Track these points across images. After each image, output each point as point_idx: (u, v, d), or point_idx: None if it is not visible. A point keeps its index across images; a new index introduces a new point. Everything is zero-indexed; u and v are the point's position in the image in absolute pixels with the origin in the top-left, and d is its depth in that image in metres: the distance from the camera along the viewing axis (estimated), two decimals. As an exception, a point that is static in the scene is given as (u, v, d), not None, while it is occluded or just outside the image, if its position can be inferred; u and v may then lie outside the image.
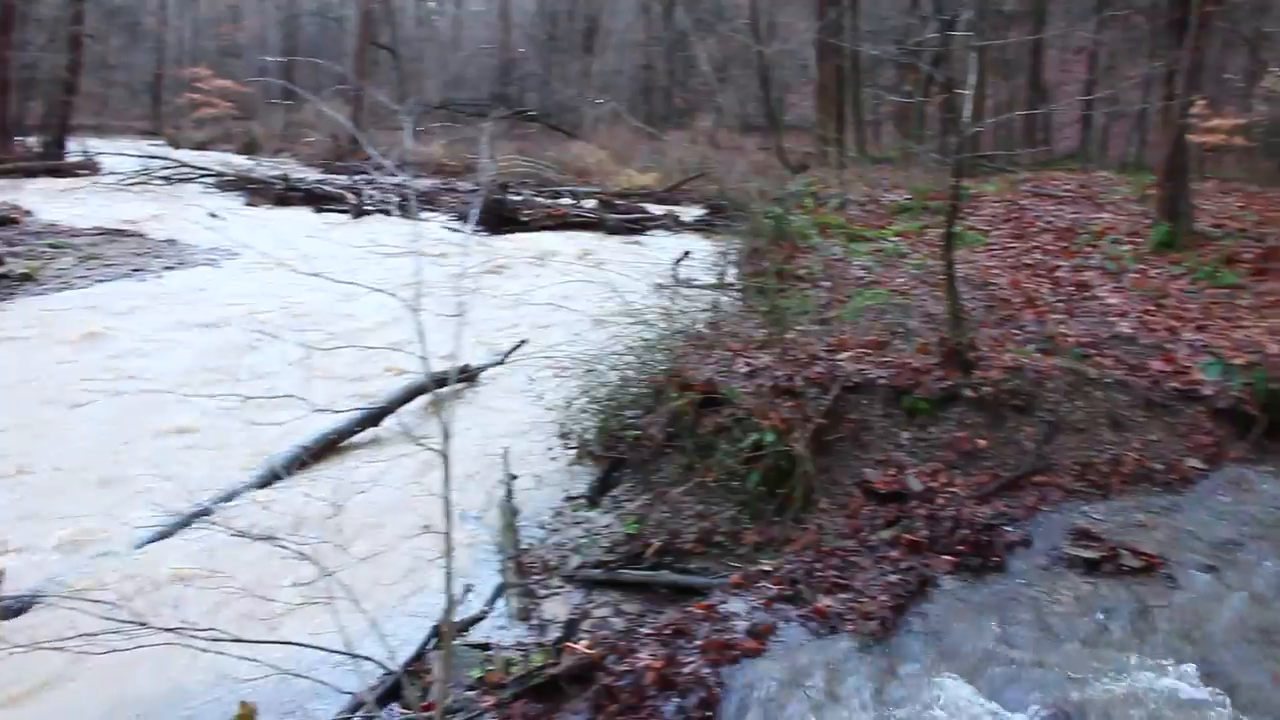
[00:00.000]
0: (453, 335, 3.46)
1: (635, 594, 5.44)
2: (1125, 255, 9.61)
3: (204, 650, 3.68)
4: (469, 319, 6.84)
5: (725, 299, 8.62)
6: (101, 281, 13.18)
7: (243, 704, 4.40)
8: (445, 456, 3.26)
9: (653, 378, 6.72)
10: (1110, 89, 21.52)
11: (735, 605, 4.57)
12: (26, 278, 12.88)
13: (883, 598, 4.44)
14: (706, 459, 5.77)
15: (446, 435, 3.25)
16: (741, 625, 4.35)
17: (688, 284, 10.37)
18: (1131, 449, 6.00)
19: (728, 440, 5.75)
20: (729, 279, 9.81)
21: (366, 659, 4.09)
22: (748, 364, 6.34)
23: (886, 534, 5.13)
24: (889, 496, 5.55)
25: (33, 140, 28.84)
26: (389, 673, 4.25)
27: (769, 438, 5.58)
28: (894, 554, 4.89)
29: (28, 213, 18.11)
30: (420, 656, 4.66)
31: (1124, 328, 7.43)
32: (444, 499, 3.30)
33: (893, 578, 4.62)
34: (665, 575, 5.42)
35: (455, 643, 4.83)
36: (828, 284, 8.12)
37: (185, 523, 6.05)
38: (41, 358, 9.65)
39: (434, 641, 4.78)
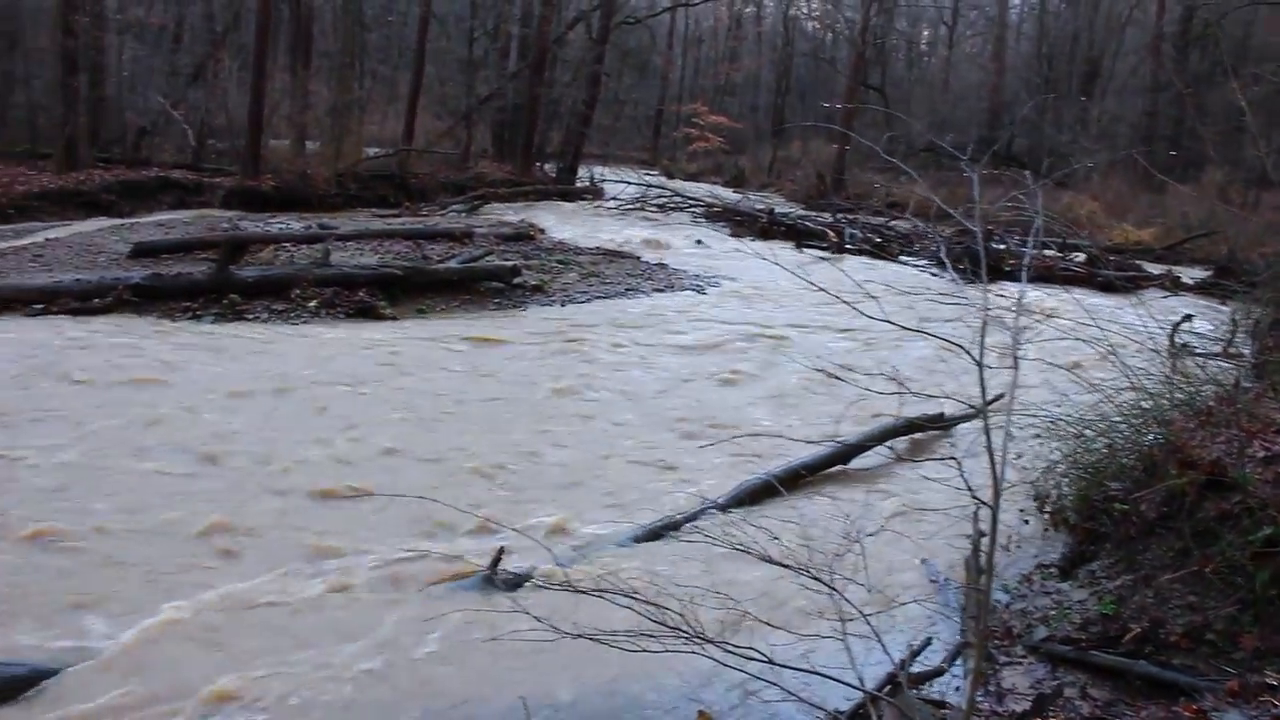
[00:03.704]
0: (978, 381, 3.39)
1: (1105, 679, 5.04)
2: None
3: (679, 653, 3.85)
4: (947, 368, 6.71)
5: (1238, 372, 7.81)
6: (599, 298, 14.36)
7: (701, 713, 4.57)
8: (994, 512, 3.19)
9: (1147, 450, 6.23)
10: None
11: (1230, 716, 4.12)
12: (537, 289, 14.31)
13: None
14: (1205, 547, 5.23)
15: (998, 490, 3.19)
16: (1238, 739, 3.91)
17: (1189, 351, 9.52)
18: None
19: (1234, 530, 5.18)
20: (1241, 350, 8.89)
21: (831, 678, 4.09)
22: (1265, 448, 5.69)
23: None
24: None
25: (549, 166, 32.09)
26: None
27: (1286, 534, 4.97)
28: None
29: (541, 230, 20.16)
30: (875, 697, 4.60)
31: None
32: (987, 554, 3.24)
33: None
34: (1144, 666, 4.97)
35: (909, 694, 4.75)
36: (1368, 367, 7.14)
37: (660, 530, 6.46)
38: (550, 363, 10.67)
39: (888, 687, 4.71)
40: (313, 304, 12.07)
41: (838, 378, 5.33)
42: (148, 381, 8.93)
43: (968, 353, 3.40)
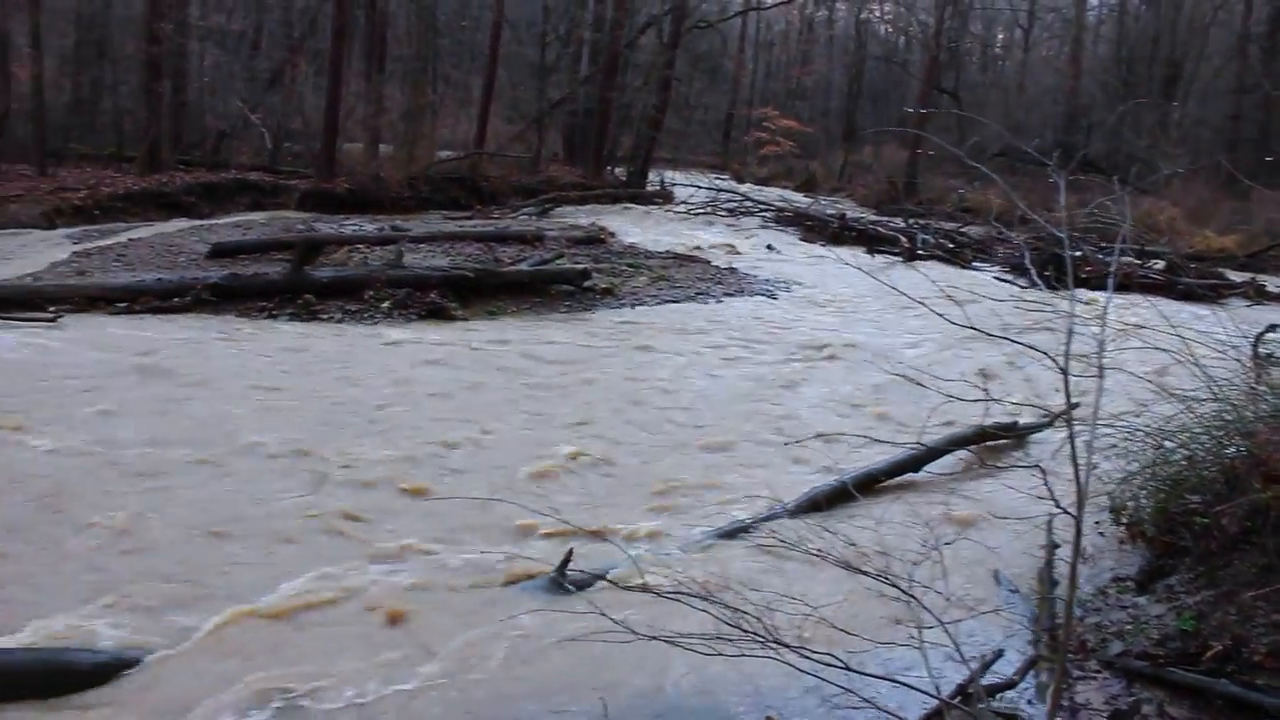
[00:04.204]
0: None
1: (1184, 698, 4.92)
2: None
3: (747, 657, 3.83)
4: (1021, 375, 6.59)
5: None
6: (669, 301, 14.38)
7: (769, 719, 4.55)
8: (1078, 521, 3.15)
9: (1229, 463, 6.06)
10: None
11: (1316, 739, 4.00)
12: (607, 292, 14.34)
13: None
14: (1293, 564, 5.10)
15: (1082, 499, 3.15)
16: (1325, 763, 3.79)
17: (1274, 361, 9.28)
18: None
19: (1322, 547, 5.04)
20: (1330, 361, 8.63)
21: (907, 685, 4.05)
22: (1354, 463, 5.53)
23: None
24: None
25: (620, 170, 32.16)
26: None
27: (1376, 552, 4.82)
28: None
29: (612, 234, 20.19)
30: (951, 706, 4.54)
31: None
32: (1070, 564, 3.20)
33: None
34: (1226, 686, 4.84)
35: (980, 706, 4.67)
36: None
37: (730, 534, 6.48)
38: (620, 366, 10.70)
39: (958, 698, 4.64)
40: (385, 305, 12.23)
41: (919, 383, 5.26)
42: (241, 382, 9.12)
43: (1053, 360, 3.34)
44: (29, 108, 21.28)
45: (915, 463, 7.52)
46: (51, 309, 11.00)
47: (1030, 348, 3.92)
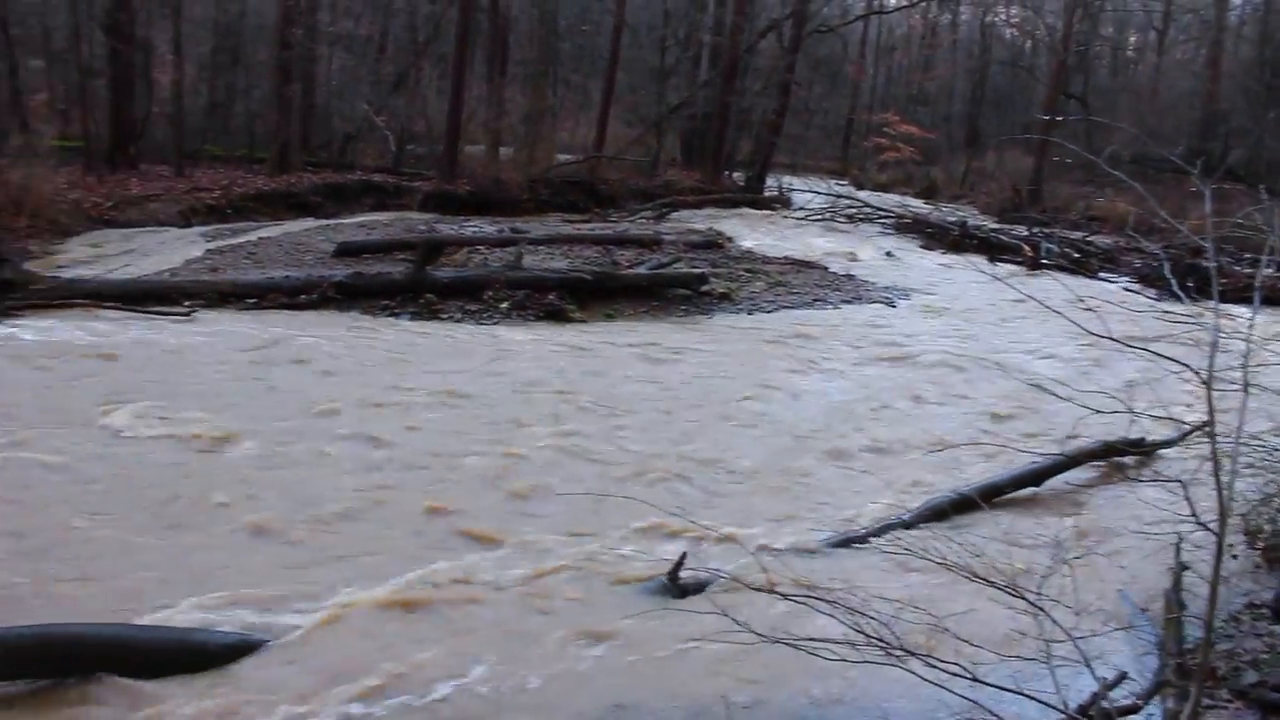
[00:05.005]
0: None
1: (1325, 732, 4.72)
2: None
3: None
4: (1151, 391, 6.38)
5: None
6: (786, 308, 14.30)
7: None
8: (1219, 539, 3.05)
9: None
10: None
11: None
12: (724, 296, 14.32)
13: None
14: None
15: (1224, 516, 3.04)
16: None
17: None
18: None
19: None
20: None
21: (1038, 700, 3.95)
22: None
23: None
24: None
25: (738, 174, 32.05)
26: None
27: None
28: None
29: (729, 239, 20.15)
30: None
31: None
32: (1210, 584, 3.09)
33: None
34: (1372, 720, 4.62)
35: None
36: None
37: (844, 542, 6.43)
38: (738, 370, 10.70)
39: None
40: (504, 305, 12.41)
41: (1052, 393, 5.13)
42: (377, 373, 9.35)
43: (1196, 373, 3.22)
44: (169, 111, 22.16)
45: (1039, 475, 7.35)
46: (185, 304, 11.43)
47: (1172, 360, 3.79)
